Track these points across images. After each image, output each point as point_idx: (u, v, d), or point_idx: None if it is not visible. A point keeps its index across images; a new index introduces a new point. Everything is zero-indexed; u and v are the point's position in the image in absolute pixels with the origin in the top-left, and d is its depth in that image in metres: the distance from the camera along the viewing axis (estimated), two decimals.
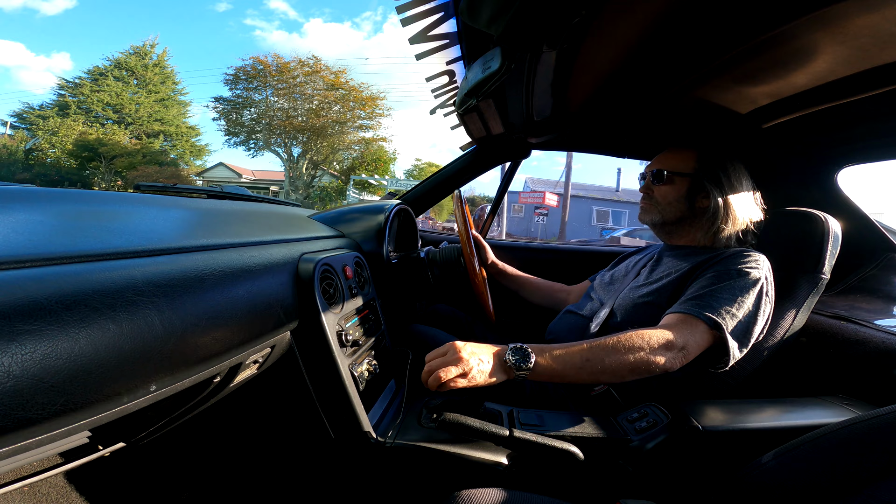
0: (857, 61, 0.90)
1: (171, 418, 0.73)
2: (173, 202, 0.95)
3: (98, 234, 0.58)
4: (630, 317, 1.10)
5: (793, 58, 0.93)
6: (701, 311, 0.94)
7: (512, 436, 0.79)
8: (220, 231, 0.81)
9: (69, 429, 0.41)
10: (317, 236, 1.12)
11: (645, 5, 0.79)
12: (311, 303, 0.83)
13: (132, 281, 0.48)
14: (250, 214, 1.07)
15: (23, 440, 0.37)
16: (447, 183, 1.96)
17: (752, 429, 0.88)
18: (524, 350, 0.85)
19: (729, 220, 1.10)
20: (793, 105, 1.16)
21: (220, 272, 0.62)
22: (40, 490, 0.97)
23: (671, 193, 1.17)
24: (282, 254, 0.83)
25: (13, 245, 0.44)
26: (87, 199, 0.73)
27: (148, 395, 0.49)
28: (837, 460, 0.59)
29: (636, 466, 0.84)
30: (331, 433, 0.87)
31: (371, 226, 1.34)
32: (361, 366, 0.92)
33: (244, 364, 0.70)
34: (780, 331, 1.09)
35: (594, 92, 1.23)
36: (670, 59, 0.99)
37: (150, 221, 0.72)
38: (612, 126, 1.55)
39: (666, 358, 0.88)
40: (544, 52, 0.96)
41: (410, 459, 0.82)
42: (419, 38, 0.96)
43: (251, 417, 1.02)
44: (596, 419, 0.93)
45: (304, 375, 0.85)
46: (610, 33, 0.89)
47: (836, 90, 1.02)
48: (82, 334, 0.40)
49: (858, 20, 0.76)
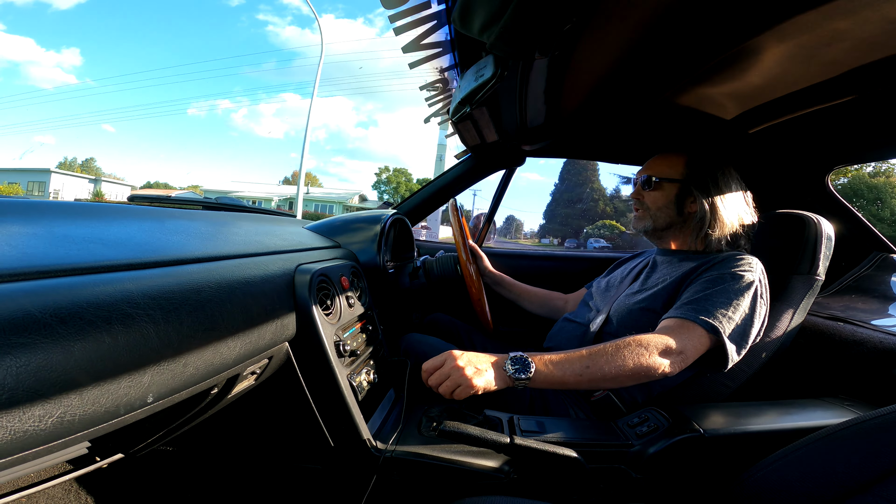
0: (834, 65, 0.92)
1: (169, 430, 0.72)
2: (168, 214, 0.95)
3: (93, 246, 0.57)
4: (626, 323, 1.10)
5: (763, 66, 0.95)
6: (697, 315, 0.94)
7: (513, 443, 0.79)
8: (216, 242, 0.81)
9: (66, 441, 0.40)
10: (313, 247, 1.11)
11: (633, 13, 0.80)
12: (307, 314, 0.82)
13: (127, 294, 0.47)
14: (246, 225, 1.07)
15: (20, 452, 0.37)
16: (443, 192, 1.96)
17: (754, 431, 0.88)
18: (524, 359, 0.85)
19: (717, 225, 1.11)
20: (773, 111, 1.18)
21: (217, 284, 0.62)
22: (38, 501, 0.96)
23: (660, 199, 1.18)
24: (278, 265, 0.82)
25: (7, 258, 0.44)
26: (82, 211, 0.72)
27: (145, 407, 0.48)
28: (842, 460, 0.59)
29: (638, 471, 0.84)
30: (330, 442, 0.86)
31: (367, 236, 1.34)
32: (360, 375, 0.91)
33: (242, 375, 0.70)
34: (777, 333, 1.10)
35: (586, 99, 1.25)
36: (656, 66, 1.01)
37: (144, 233, 0.71)
38: (604, 132, 1.57)
39: (665, 363, 0.88)
40: (536, 59, 0.97)
41: (411, 468, 0.82)
42: (412, 47, 0.97)
43: (250, 428, 1.01)
44: (597, 425, 0.92)
45: (303, 386, 0.84)
46: (600, 40, 0.90)
47: (817, 94, 1.05)
48: (77, 347, 0.40)
49: (831, 26, 0.78)
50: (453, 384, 0.81)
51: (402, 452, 0.82)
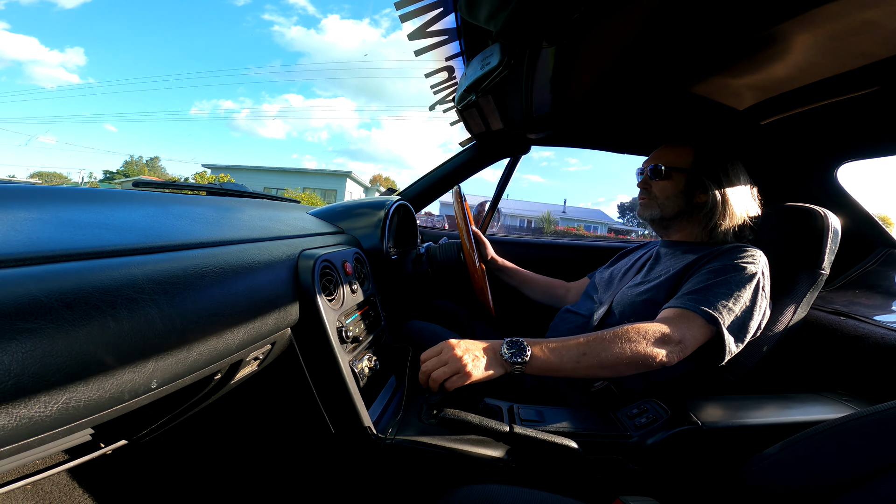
0: (849, 59, 0.90)
1: (173, 415, 0.73)
2: (172, 199, 0.95)
3: (98, 231, 0.57)
4: (628, 315, 1.10)
5: (786, 55, 0.93)
6: (697, 305, 0.94)
7: (512, 432, 0.79)
8: (220, 228, 0.81)
9: (71, 426, 0.41)
10: (317, 233, 1.11)
11: (643, 1, 0.79)
12: (310, 299, 0.82)
13: (132, 278, 0.48)
14: (250, 211, 1.07)
15: (24, 438, 0.37)
16: (447, 179, 1.96)
17: (752, 425, 0.88)
18: (520, 343, 0.85)
19: (726, 216, 1.10)
20: (789, 102, 1.16)
21: (221, 269, 0.62)
22: (43, 488, 0.97)
23: (669, 188, 1.17)
24: (282, 250, 0.82)
25: (13, 243, 0.44)
26: (87, 196, 0.72)
27: (149, 393, 0.49)
28: (837, 456, 0.60)
29: (636, 462, 0.85)
30: (331, 429, 0.87)
31: (371, 222, 1.34)
32: (362, 362, 0.92)
33: (245, 361, 0.70)
34: (779, 326, 1.09)
35: (593, 87, 1.23)
36: (667, 55, 0.99)
37: (149, 218, 0.71)
38: (610, 122, 1.55)
39: (663, 352, 0.88)
40: (543, 48, 0.96)
41: (410, 455, 0.82)
42: (418, 34, 0.96)
43: (252, 414, 1.02)
44: (596, 415, 0.93)
45: (305, 372, 0.85)
46: (608, 29, 0.89)
47: (831, 87, 1.03)
48: (83, 332, 0.40)
49: (849, 18, 0.76)
50: (450, 372, 0.81)
51: (402, 440, 0.83)
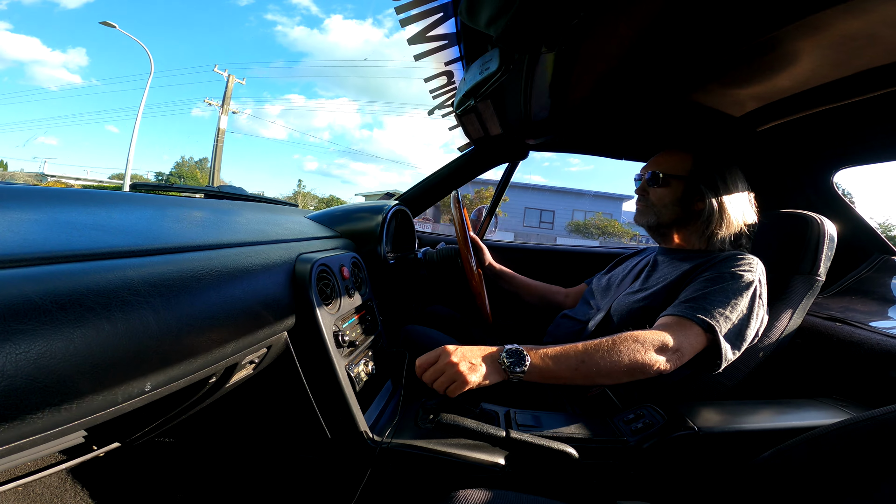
0: (846, 65, 0.90)
1: (167, 418, 0.72)
2: (170, 201, 0.95)
3: (95, 233, 0.57)
4: (626, 322, 1.10)
5: (782, 62, 0.94)
6: (695, 313, 0.94)
7: (508, 437, 0.79)
8: (217, 231, 0.81)
9: (64, 428, 0.40)
10: (314, 237, 1.11)
11: (642, 8, 0.79)
12: (307, 303, 0.82)
13: (128, 280, 0.48)
14: (247, 214, 1.07)
15: (17, 440, 0.37)
16: (445, 183, 1.96)
17: (748, 430, 0.88)
18: (519, 352, 0.85)
19: (723, 224, 1.10)
20: (786, 108, 1.16)
21: (217, 272, 0.62)
22: (34, 490, 0.96)
23: (667, 196, 1.17)
24: (279, 254, 0.82)
25: (8, 244, 0.44)
26: (83, 198, 0.72)
27: (143, 395, 0.48)
28: (833, 461, 0.60)
29: (632, 468, 0.84)
30: (327, 433, 0.87)
31: (369, 226, 1.34)
32: (358, 366, 0.92)
33: (240, 364, 0.70)
34: (775, 332, 1.10)
35: (591, 93, 1.23)
36: (665, 62, 1.00)
37: (146, 221, 0.71)
38: (609, 128, 1.56)
39: (661, 360, 0.88)
40: (543, 53, 0.96)
41: (407, 460, 0.82)
42: (418, 39, 0.96)
43: (248, 418, 1.01)
44: (592, 420, 0.93)
45: (301, 376, 0.84)
46: (607, 35, 0.89)
47: (827, 94, 1.03)
48: (77, 334, 0.40)
49: (845, 25, 0.76)
50: (448, 381, 0.80)
51: (398, 444, 0.82)
